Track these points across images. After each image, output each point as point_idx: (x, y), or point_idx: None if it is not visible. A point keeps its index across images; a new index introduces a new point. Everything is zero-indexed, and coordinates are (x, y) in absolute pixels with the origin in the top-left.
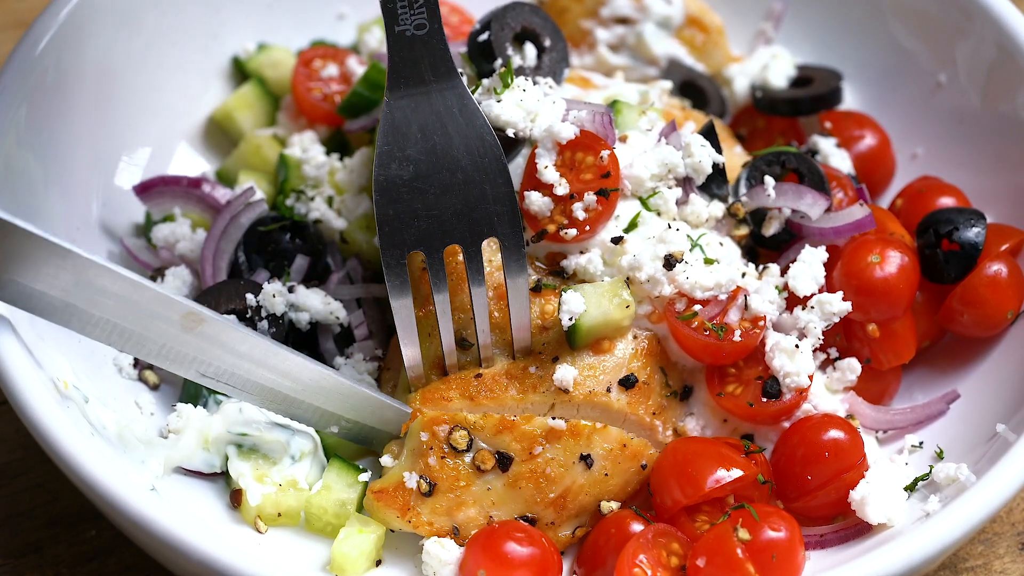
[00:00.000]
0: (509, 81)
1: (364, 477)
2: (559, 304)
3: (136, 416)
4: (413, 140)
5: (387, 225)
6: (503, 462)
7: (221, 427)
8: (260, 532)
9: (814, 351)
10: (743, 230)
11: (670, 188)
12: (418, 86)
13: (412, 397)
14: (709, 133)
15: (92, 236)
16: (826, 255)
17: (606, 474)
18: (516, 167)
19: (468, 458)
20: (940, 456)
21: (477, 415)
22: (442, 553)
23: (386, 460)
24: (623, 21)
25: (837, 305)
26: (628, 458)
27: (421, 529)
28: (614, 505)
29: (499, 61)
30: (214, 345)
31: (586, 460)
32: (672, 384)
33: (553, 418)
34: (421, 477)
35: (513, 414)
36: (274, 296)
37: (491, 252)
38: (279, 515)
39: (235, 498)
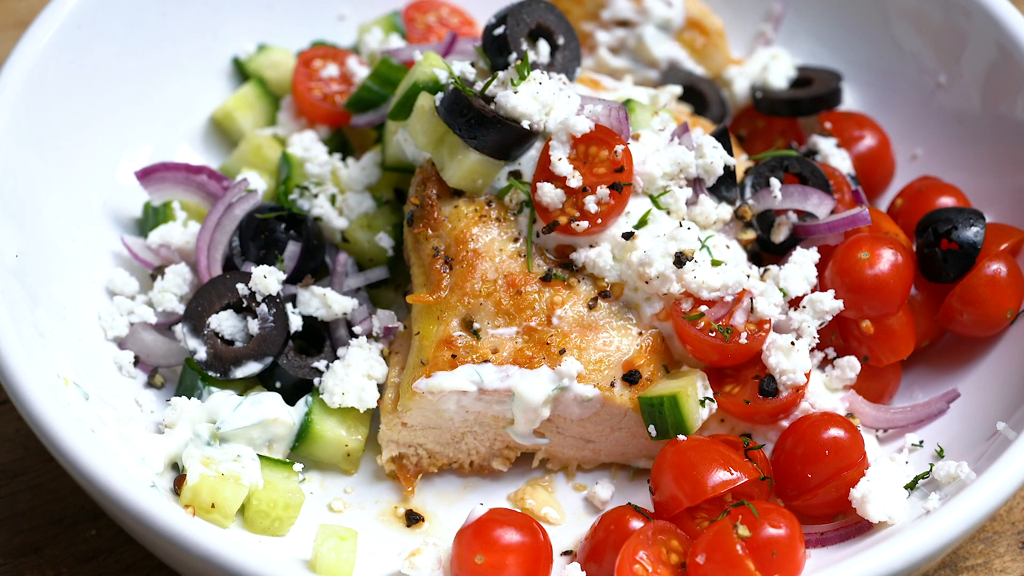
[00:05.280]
0: (525, 74)
1: (297, 467)
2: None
3: (136, 413)
4: None
5: None
6: None
7: (203, 416)
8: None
9: (812, 350)
10: (749, 234)
11: (681, 188)
12: None
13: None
14: (722, 136)
15: (93, 236)
16: (817, 255)
17: None
18: (530, 159)
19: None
20: (940, 454)
21: None
22: (420, 572)
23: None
24: (623, 24)
25: (828, 303)
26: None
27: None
28: None
29: (513, 55)
30: None
31: None
32: None
33: None
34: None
35: None
36: (265, 277)
37: (501, 241)
38: (212, 505)
39: (178, 483)
